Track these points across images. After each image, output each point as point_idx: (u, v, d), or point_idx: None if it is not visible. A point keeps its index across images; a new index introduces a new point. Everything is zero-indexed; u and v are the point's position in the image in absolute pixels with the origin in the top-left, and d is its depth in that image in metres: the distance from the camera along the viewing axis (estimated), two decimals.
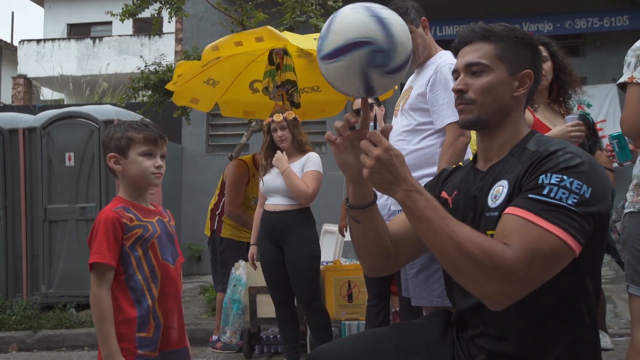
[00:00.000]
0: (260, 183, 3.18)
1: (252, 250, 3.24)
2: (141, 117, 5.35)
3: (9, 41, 16.54)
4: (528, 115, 2.35)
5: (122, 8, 4.24)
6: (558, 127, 2.32)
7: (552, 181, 1.12)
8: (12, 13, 17.77)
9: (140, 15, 4.37)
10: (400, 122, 2.28)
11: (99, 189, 5.22)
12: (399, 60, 1.16)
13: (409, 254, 1.48)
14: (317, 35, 3.55)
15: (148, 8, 4.26)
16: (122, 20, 4.24)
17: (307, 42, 3.22)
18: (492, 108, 1.31)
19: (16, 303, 4.98)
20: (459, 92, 1.33)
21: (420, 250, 1.51)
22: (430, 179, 2.11)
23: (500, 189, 1.23)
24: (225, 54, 3.39)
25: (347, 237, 3.61)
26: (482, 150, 1.38)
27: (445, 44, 2.17)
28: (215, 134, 7.78)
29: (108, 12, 4.56)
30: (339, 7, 4.58)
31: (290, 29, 4.31)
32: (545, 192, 1.12)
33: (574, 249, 1.09)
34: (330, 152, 5.54)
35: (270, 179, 3.10)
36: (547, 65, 2.42)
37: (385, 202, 2.74)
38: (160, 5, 4.26)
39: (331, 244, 4.90)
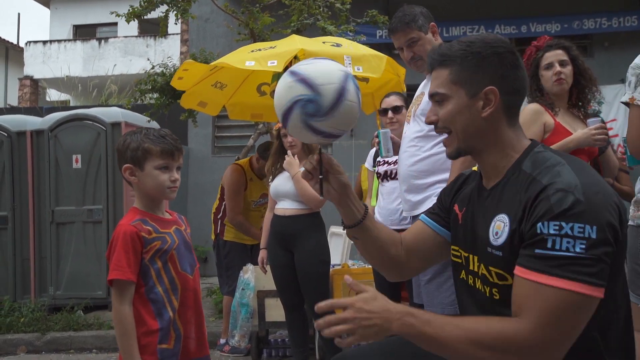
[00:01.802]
0: (270, 187, 3.17)
1: (262, 254, 3.23)
2: (148, 119, 5.36)
3: (15, 42, 16.60)
4: (549, 119, 2.35)
5: (129, 9, 4.24)
6: (580, 130, 2.33)
7: (551, 231, 1.05)
8: (18, 14, 17.81)
9: (148, 16, 4.35)
10: (412, 128, 2.27)
11: (106, 191, 5.23)
12: (328, 100, 1.24)
13: (420, 264, 1.49)
14: (325, 38, 3.55)
15: (155, 10, 4.25)
16: (127, 22, 4.23)
17: (316, 45, 3.21)
18: (466, 135, 1.25)
19: (24, 305, 5.00)
20: (432, 124, 1.31)
21: (431, 262, 1.54)
22: (443, 185, 2.10)
23: (501, 226, 1.18)
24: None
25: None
26: (482, 169, 1.34)
27: None
28: (222, 136, 7.78)
29: (113, 12, 4.55)
30: (347, 10, 4.59)
31: (298, 32, 4.30)
32: (549, 245, 1.05)
33: (597, 295, 1.04)
34: (336, 154, 5.59)
35: (280, 183, 3.09)
36: (568, 70, 2.42)
37: (396, 207, 2.73)
38: (167, 7, 4.25)
39: (338, 246, 4.88)
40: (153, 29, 13.28)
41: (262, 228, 3.36)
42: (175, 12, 4.17)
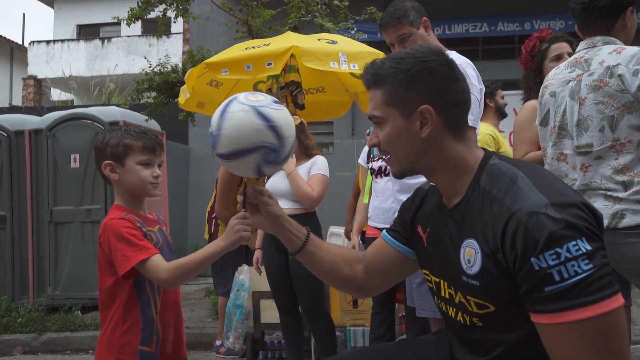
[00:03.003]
0: (265, 186, 3.12)
1: (257, 254, 3.18)
2: (146, 118, 5.32)
3: (20, 43, 16.67)
4: None
5: (128, 12, 4.21)
6: None
7: (551, 262, 0.96)
8: (23, 15, 17.90)
9: (148, 16, 4.33)
10: None
11: (104, 191, 5.20)
12: (286, 152, 1.30)
13: (381, 282, 1.44)
14: (321, 35, 3.50)
15: (154, 10, 4.22)
16: (128, 25, 4.21)
17: (311, 42, 3.15)
18: (408, 157, 1.19)
19: (22, 305, 4.98)
20: (374, 147, 1.25)
21: (392, 281, 1.48)
22: None
23: (472, 252, 1.11)
24: (235, 77, 3.28)
25: None
26: (439, 188, 1.26)
27: (450, 43, 2.10)
28: None
29: (115, 17, 4.53)
30: (345, 7, 4.53)
31: (295, 29, 4.25)
32: (556, 277, 0.96)
33: (622, 301, 0.99)
34: (337, 153, 5.50)
35: (276, 182, 3.04)
36: None
37: (390, 206, 2.67)
38: (165, 7, 4.22)
39: None
40: (156, 29, 13.27)
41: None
42: (174, 10, 4.13)
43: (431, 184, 1.36)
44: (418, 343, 1.48)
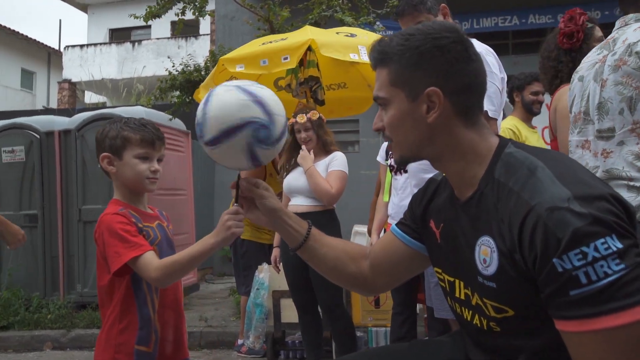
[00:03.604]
0: (284, 183, 3.07)
1: (275, 252, 3.14)
2: (170, 117, 5.37)
3: (56, 48, 17.19)
4: None
5: (146, 9, 4.24)
6: None
7: (576, 263, 0.85)
8: (60, 21, 18.46)
9: (165, 15, 4.35)
10: None
11: None
12: (278, 131, 1.24)
13: (389, 280, 1.35)
14: (340, 29, 3.43)
15: (172, 9, 4.24)
16: (145, 21, 4.24)
17: (329, 36, 3.08)
18: (411, 143, 1.09)
19: (52, 302, 5.08)
20: (379, 131, 1.15)
21: (400, 278, 1.38)
22: None
23: (487, 251, 1.00)
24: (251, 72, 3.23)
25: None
26: (448, 179, 1.16)
27: (479, 37, 2.00)
28: None
29: (131, 14, 4.58)
30: (367, 0, 4.44)
31: (316, 24, 4.19)
32: (583, 280, 0.85)
33: None
34: (363, 151, 5.40)
35: (294, 179, 2.99)
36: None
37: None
38: (184, 4, 4.23)
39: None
40: (185, 30, 13.47)
41: None
42: (191, 9, 4.14)
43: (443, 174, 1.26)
44: (431, 344, 1.39)
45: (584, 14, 2.26)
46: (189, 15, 4.56)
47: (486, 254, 1.00)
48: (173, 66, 5.21)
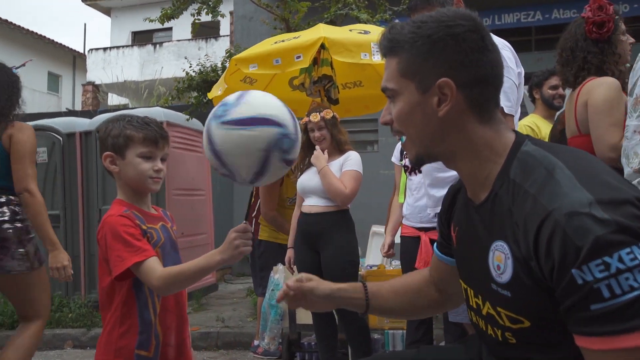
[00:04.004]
0: (297, 183, 3.04)
1: (290, 253, 3.11)
2: (187, 117, 5.39)
3: (81, 51, 17.54)
4: (624, 98, 2.00)
5: (161, 11, 4.27)
6: None
7: (598, 275, 0.77)
8: (85, 25, 18.83)
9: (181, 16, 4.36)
10: None
11: None
12: (296, 153, 1.27)
13: (458, 297, 1.26)
14: (354, 26, 3.38)
15: (187, 10, 4.26)
16: (161, 23, 4.27)
17: (341, 33, 3.04)
18: (422, 139, 1.02)
19: (73, 301, 5.16)
20: (386, 125, 1.07)
21: None
22: None
23: (501, 257, 0.93)
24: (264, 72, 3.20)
25: (397, 239, 3.39)
26: (462, 179, 1.10)
27: (501, 34, 1.92)
28: None
29: (146, 18, 4.62)
30: None
31: (332, 23, 4.15)
32: (605, 294, 0.77)
33: None
34: (382, 151, 5.31)
35: (307, 179, 2.95)
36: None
37: (425, 203, 2.51)
38: (200, 5, 4.24)
39: (379, 246, 4.69)
40: (206, 32, 13.57)
41: None
42: (204, 9, 4.15)
43: None
44: (441, 350, 1.34)
45: (611, 4, 2.15)
46: (207, 17, 4.57)
47: (500, 260, 0.93)
48: (190, 67, 5.23)
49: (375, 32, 3.10)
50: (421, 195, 2.49)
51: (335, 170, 2.87)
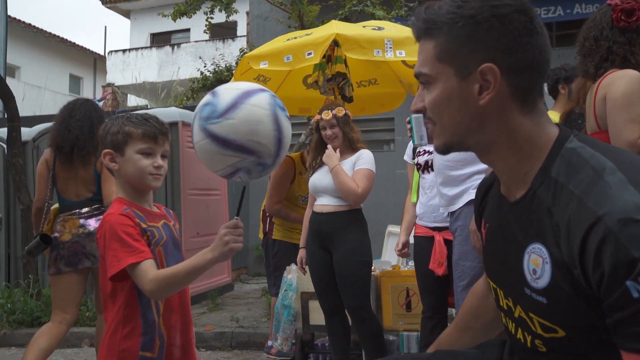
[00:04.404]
0: (309, 182, 3.00)
1: (301, 253, 3.07)
2: None
3: (102, 53, 17.80)
4: None
5: (174, 7, 4.28)
6: None
7: None
8: (105, 27, 19.11)
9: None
10: None
11: (165, 190, 5.32)
12: (225, 101, 1.19)
13: None
14: (367, 22, 3.33)
15: (200, 9, 4.26)
16: (174, 20, 4.28)
17: (354, 30, 2.99)
18: (457, 128, 0.93)
19: (90, 300, 5.20)
20: (418, 112, 0.99)
21: None
22: (482, 176, 1.81)
23: (539, 262, 0.86)
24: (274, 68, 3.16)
25: (411, 239, 3.32)
26: (496, 174, 1.02)
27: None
28: None
29: (160, 13, 4.64)
30: None
31: (347, 20, 4.10)
32: None
33: None
34: (398, 150, 5.22)
35: (319, 178, 2.91)
36: None
37: (438, 203, 2.45)
38: (212, 3, 4.24)
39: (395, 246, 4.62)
40: (223, 32, 13.64)
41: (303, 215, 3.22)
42: (218, 7, 4.14)
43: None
44: (457, 355, 1.28)
45: None
46: (221, 17, 4.56)
47: (537, 264, 0.86)
48: (205, 66, 5.23)
49: (389, 28, 3.04)
50: (434, 194, 2.43)
51: (348, 169, 2.82)
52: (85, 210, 2.83)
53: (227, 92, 1.20)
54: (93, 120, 2.81)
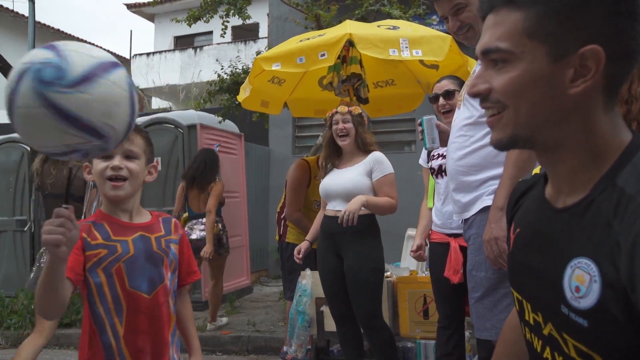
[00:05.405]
0: (320, 185, 2.93)
1: (304, 245, 3.00)
2: (220, 119, 5.39)
3: (127, 57, 18.08)
4: None
5: (188, 12, 4.27)
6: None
7: None
8: (131, 31, 19.43)
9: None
10: (461, 115, 1.89)
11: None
12: (78, 69, 0.94)
13: None
14: (382, 22, 3.24)
15: (216, 12, 4.24)
16: (188, 25, 4.27)
17: (369, 29, 2.91)
18: (534, 118, 0.79)
19: None
20: (478, 95, 0.84)
21: None
22: (497, 182, 1.72)
23: (584, 279, 0.74)
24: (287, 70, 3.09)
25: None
26: (549, 175, 0.88)
27: None
28: (302, 136, 7.70)
29: (173, 19, 4.64)
30: None
31: (363, 19, 4.02)
32: None
33: None
34: (419, 151, 5.08)
35: (330, 182, 2.84)
36: None
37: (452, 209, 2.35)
38: (227, 7, 4.21)
39: None
40: (245, 34, 13.68)
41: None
42: (233, 12, 4.12)
43: (535, 171, 1.01)
44: None
45: None
46: (237, 21, 4.54)
47: (582, 281, 0.75)
48: (222, 69, 5.22)
49: (404, 27, 2.95)
50: (449, 200, 2.34)
51: (358, 174, 2.74)
52: (202, 220, 4.39)
53: (78, 57, 0.95)
54: (207, 162, 4.38)
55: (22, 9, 12.76)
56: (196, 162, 4.46)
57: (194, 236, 4.36)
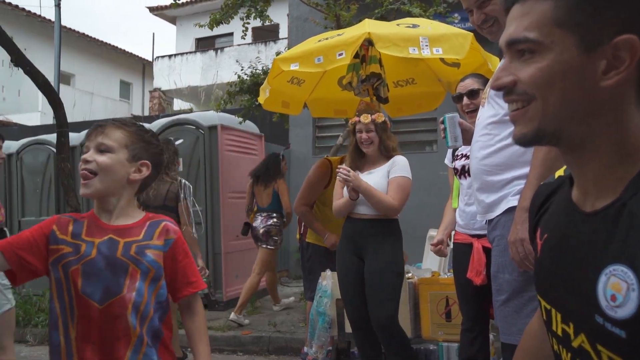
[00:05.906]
0: (344, 191, 2.92)
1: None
2: (240, 120, 5.41)
3: (150, 59, 18.34)
4: None
5: (210, 17, 4.29)
6: None
7: None
8: (153, 34, 19.69)
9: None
10: (485, 113, 1.85)
11: (204, 193, 5.37)
12: None
13: None
14: (402, 20, 3.21)
15: (237, 14, 4.26)
16: (211, 29, 4.30)
17: (388, 28, 2.88)
18: (562, 112, 0.75)
19: None
20: (502, 89, 0.80)
21: None
22: (522, 181, 1.67)
23: (621, 287, 0.70)
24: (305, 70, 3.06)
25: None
26: (574, 176, 0.83)
27: None
28: (322, 136, 7.68)
29: (196, 24, 4.68)
30: None
31: (383, 18, 3.98)
32: None
33: None
34: (441, 151, 5.05)
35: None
36: None
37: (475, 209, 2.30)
38: (247, 9, 4.22)
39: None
40: (265, 35, 13.73)
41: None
42: (253, 14, 4.12)
43: (559, 173, 0.97)
44: None
45: None
46: (257, 22, 4.55)
47: (618, 289, 0.71)
48: (242, 70, 5.24)
49: (424, 25, 2.91)
50: (472, 200, 2.29)
51: (381, 177, 2.74)
52: (265, 214, 5.00)
53: None
54: (268, 164, 5.08)
55: (49, 14, 13.05)
56: (261, 164, 5.22)
57: (254, 224, 5.01)
